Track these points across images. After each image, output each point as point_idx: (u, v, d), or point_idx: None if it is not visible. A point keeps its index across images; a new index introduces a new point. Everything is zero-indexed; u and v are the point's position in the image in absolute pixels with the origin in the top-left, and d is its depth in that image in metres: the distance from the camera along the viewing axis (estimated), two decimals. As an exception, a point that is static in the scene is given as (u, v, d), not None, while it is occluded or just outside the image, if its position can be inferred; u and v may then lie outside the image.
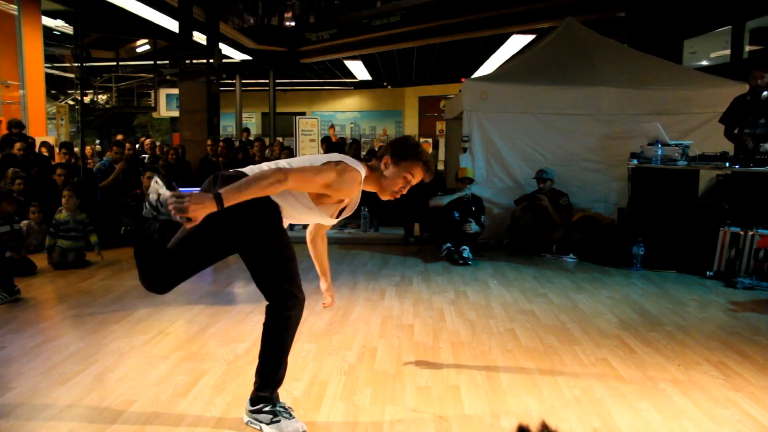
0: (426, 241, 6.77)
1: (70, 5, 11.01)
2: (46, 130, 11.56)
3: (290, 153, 8.63)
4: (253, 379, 2.31)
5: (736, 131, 5.57)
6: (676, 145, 5.50)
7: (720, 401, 2.63)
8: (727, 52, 9.80)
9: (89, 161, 9.13)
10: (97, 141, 17.45)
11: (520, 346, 3.34)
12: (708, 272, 5.18)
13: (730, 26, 9.68)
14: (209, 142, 8.21)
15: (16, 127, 7.91)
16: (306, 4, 15.51)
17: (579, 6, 9.32)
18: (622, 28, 10.40)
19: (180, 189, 2.02)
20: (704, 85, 6.72)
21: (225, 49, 13.12)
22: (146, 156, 8.72)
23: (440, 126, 18.67)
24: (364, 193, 2.46)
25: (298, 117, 17.75)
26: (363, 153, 10.50)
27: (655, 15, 10.39)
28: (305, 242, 2.82)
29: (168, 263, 2.37)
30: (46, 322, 3.80)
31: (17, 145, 7.29)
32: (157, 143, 11.36)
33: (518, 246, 6.31)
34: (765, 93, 5.38)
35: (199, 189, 2.22)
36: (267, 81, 16.53)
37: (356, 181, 2.30)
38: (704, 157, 5.46)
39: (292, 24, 16.22)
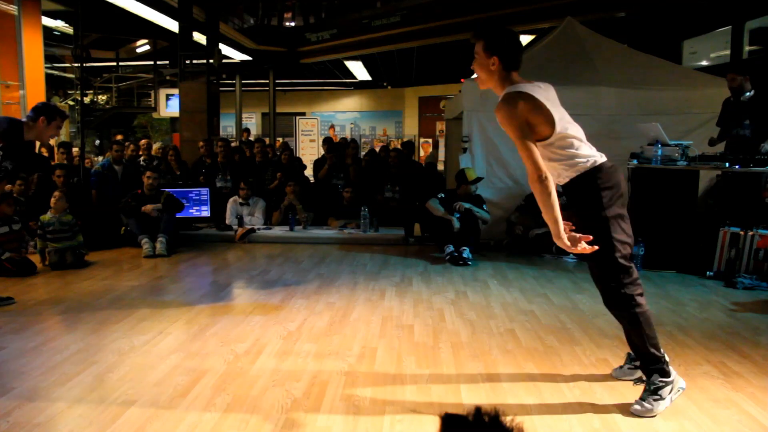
0: (426, 241, 6.77)
1: (70, 5, 11.01)
2: (45, 130, 11.54)
3: (291, 153, 8.62)
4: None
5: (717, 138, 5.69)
6: (676, 146, 5.50)
7: (720, 401, 2.63)
8: (727, 52, 9.80)
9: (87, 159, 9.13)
10: (97, 141, 17.45)
11: (520, 347, 3.34)
12: (708, 272, 5.18)
13: (729, 26, 9.68)
14: (201, 143, 8.18)
15: None
16: (306, 4, 15.53)
17: (579, 6, 9.33)
18: (622, 28, 10.41)
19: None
20: (704, 85, 6.72)
21: (225, 49, 13.13)
22: (142, 157, 8.71)
23: (440, 126, 18.68)
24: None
25: (298, 117, 17.82)
26: (362, 153, 10.51)
27: (655, 15, 10.40)
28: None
29: None
30: (46, 323, 3.80)
31: None
32: (154, 144, 11.35)
33: (518, 246, 6.31)
34: (747, 94, 5.44)
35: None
36: (267, 81, 16.54)
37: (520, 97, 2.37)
38: (704, 157, 5.46)
39: (292, 24, 16.24)
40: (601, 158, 2.53)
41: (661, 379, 2.48)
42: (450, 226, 5.92)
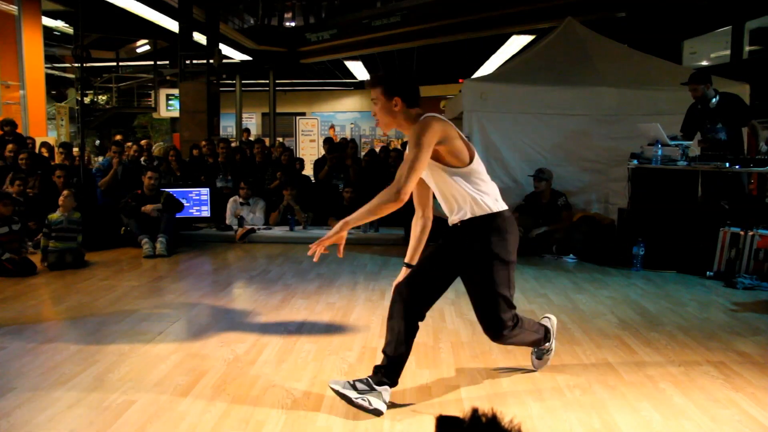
0: (426, 241, 6.76)
1: (70, 6, 11.03)
2: (46, 130, 11.57)
3: (291, 155, 8.61)
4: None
5: (698, 138, 5.75)
6: (676, 146, 5.51)
7: (720, 401, 2.63)
8: (727, 52, 9.81)
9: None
10: (97, 141, 17.46)
11: (520, 347, 3.33)
12: (708, 272, 5.18)
13: (730, 26, 9.69)
14: (203, 143, 8.22)
15: (8, 125, 7.91)
16: (306, 4, 15.54)
17: (579, 6, 9.34)
18: (622, 28, 10.42)
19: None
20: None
21: (225, 49, 13.14)
22: (142, 157, 8.74)
23: (440, 126, 18.65)
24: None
25: (298, 117, 17.82)
26: (362, 153, 10.51)
27: (655, 15, 10.40)
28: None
29: None
30: (47, 323, 3.80)
31: (9, 146, 7.30)
32: (154, 145, 11.37)
33: (518, 246, 6.29)
34: (714, 100, 5.52)
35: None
36: (267, 81, 16.55)
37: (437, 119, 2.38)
38: (704, 157, 5.46)
39: (292, 24, 16.24)
40: (504, 205, 2.58)
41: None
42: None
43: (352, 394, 2.43)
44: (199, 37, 10.92)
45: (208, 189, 7.30)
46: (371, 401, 2.41)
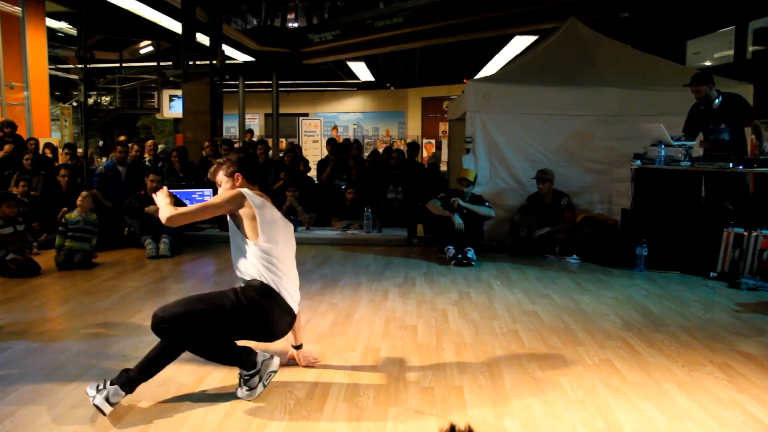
0: (429, 241, 6.76)
1: (74, 7, 11.06)
2: (49, 131, 11.61)
3: (294, 155, 8.61)
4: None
5: (700, 139, 5.74)
6: (680, 146, 5.49)
7: (724, 402, 2.62)
8: (731, 52, 9.78)
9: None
10: (101, 142, 17.50)
11: (523, 347, 3.34)
12: (712, 273, 5.17)
13: (733, 26, 9.67)
14: (207, 143, 8.24)
15: (8, 126, 7.95)
16: (309, 5, 15.56)
17: (582, 6, 9.33)
18: (625, 28, 10.41)
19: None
20: (707, 85, 6.70)
21: (228, 50, 13.16)
22: (147, 158, 8.75)
23: (443, 127, 18.70)
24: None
25: (301, 118, 17.84)
26: (366, 154, 10.52)
27: (659, 15, 10.38)
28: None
29: None
30: (50, 323, 3.81)
31: (6, 147, 7.32)
32: (160, 145, 11.40)
33: (521, 247, 6.30)
34: (716, 101, 5.52)
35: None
36: (270, 82, 16.57)
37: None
38: (707, 157, 5.45)
39: (295, 25, 16.26)
40: (281, 291, 2.69)
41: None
42: (451, 224, 5.87)
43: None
44: (202, 38, 10.94)
45: (211, 190, 7.30)
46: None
